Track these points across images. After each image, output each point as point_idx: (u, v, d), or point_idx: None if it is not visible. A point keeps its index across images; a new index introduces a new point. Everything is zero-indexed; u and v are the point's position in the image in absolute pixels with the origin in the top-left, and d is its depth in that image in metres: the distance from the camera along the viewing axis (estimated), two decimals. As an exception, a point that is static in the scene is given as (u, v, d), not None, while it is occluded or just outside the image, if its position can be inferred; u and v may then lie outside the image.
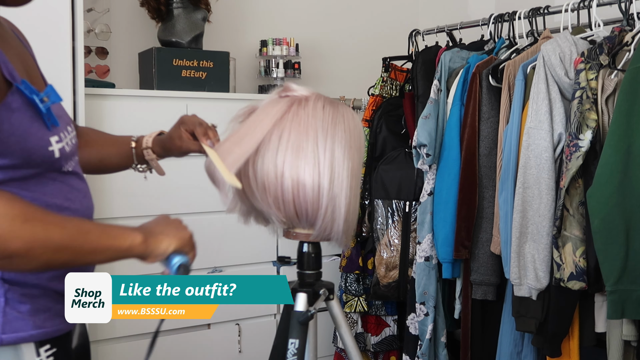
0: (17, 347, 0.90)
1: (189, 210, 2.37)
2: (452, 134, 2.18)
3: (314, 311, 1.29)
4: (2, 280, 0.90)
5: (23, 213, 0.82)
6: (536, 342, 1.92)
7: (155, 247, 0.97)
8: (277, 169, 1.19)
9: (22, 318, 0.91)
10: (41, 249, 0.83)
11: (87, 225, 0.91)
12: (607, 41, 1.79)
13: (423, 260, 2.25)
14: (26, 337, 0.91)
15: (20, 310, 0.91)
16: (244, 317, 2.52)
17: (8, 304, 0.90)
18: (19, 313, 0.91)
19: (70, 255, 0.87)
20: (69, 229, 0.87)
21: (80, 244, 0.88)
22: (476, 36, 2.46)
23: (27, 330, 0.91)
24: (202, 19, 2.60)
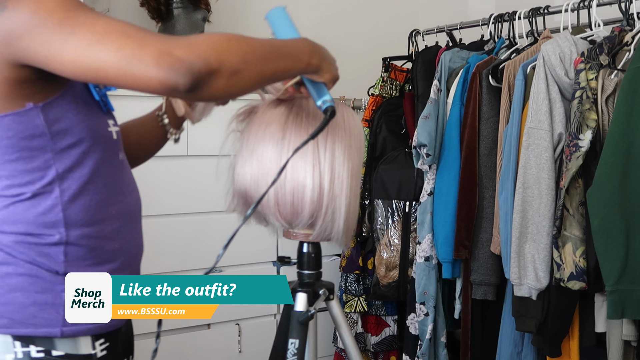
0: (75, 340, 0.94)
1: (189, 210, 2.37)
2: (452, 134, 2.18)
3: (314, 311, 1.28)
4: (64, 276, 0.93)
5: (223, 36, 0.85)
6: (536, 342, 1.92)
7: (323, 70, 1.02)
8: (278, 170, 1.19)
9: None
10: (253, 61, 0.87)
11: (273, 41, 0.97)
12: (607, 41, 1.79)
13: (423, 260, 2.25)
14: (84, 330, 0.95)
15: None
16: (244, 317, 2.52)
17: None
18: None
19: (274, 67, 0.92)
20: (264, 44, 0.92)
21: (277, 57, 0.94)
22: (476, 36, 2.46)
23: (85, 325, 0.94)
24: (202, 19, 2.60)
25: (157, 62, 0.78)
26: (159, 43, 0.80)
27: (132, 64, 0.79)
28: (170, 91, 0.80)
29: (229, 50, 0.84)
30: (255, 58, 0.88)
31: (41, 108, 0.90)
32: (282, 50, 0.95)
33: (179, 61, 0.79)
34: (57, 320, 0.93)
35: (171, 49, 0.79)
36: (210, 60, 0.81)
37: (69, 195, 0.94)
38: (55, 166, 0.92)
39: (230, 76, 0.83)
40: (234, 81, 0.84)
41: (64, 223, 0.93)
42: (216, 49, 0.82)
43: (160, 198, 2.32)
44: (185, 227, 2.37)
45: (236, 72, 0.84)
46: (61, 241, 0.93)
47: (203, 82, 0.80)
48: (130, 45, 0.79)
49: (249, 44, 0.87)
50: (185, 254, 2.36)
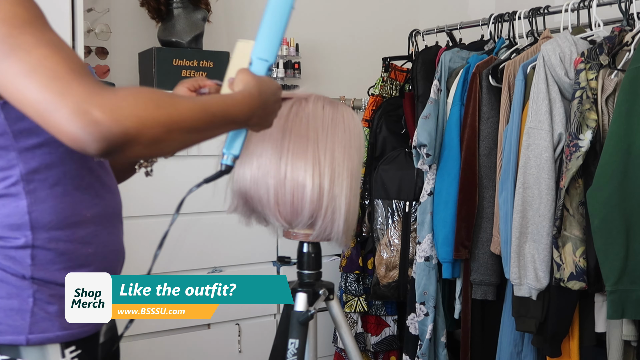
0: (43, 348, 0.91)
1: (189, 210, 2.36)
2: (452, 134, 2.18)
3: (314, 311, 1.29)
4: (32, 281, 0.90)
5: (154, 99, 0.81)
6: (536, 342, 1.92)
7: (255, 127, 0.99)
8: (278, 171, 1.19)
9: (49, 319, 0.91)
10: (178, 131, 0.82)
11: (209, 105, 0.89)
12: (607, 41, 1.79)
13: (423, 260, 2.25)
14: (52, 337, 0.91)
15: (48, 311, 0.91)
16: (244, 317, 2.52)
17: (36, 305, 0.90)
18: (46, 314, 0.91)
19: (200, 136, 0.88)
20: (196, 110, 0.86)
21: (208, 124, 0.88)
22: (476, 36, 2.46)
23: (54, 331, 0.91)
24: (202, 19, 2.60)
25: (71, 118, 0.74)
26: (81, 95, 0.75)
27: (49, 110, 0.75)
28: (80, 150, 0.76)
29: (154, 118, 0.78)
30: (182, 128, 0.83)
31: (1, 106, 0.86)
32: (217, 118, 0.89)
33: (94, 124, 0.74)
34: (23, 327, 0.89)
35: (91, 107, 0.74)
36: (130, 128, 0.76)
37: (36, 197, 0.90)
38: (19, 166, 0.89)
39: (149, 145, 0.79)
40: (152, 149, 0.80)
41: (30, 226, 0.90)
42: (139, 116, 0.77)
43: (160, 198, 2.31)
44: (185, 227, 2.37)
45: (157, 141, 0.79)
46: (27, 244, 0.90)
47: (117, 149, 0.76)
48: (52, 90, 0.75)
49: (180, 113, 0.82)
50: (185, 254, 2.36)
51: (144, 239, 2.29)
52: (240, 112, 0.93)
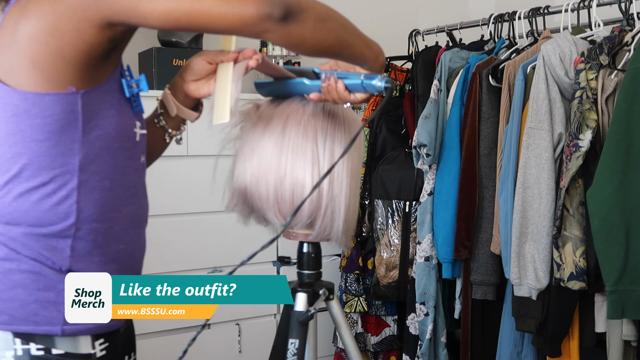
0: (75, 339, 0.94)
1: (189, 210, 2.37)
2: (452, 134, 2.18)
3: (314, 311, 1.28)
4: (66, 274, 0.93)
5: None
6: (536, 342, 1.92)
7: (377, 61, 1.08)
8: (278, 169, 1.19)
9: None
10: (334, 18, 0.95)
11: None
12: (607, 41, 1.79)
13: (423, 260, 2.25)
14: (84, 329, 0.94)
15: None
16: (244, 317, 2.52)
17: None
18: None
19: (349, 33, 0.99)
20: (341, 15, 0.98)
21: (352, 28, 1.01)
22: (476, 36, 2.46)
23: (86, 324, 0.94)
24: (202, 19, 2.60)
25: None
26: None
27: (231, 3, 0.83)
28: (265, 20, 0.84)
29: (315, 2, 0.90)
30: (337, 18, 0.95)
31: (82, 95, 0.90)
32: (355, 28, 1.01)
33: None
34: (59, 318, 0.93)
35: None
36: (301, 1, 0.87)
37: (86, 187, 0.93)
38: (79, 155, 0.92)
39: (317, 21, 0.89)
40: (320, 27, 0.90)
41: (76, 215, 0.93)
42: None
43: (160, 198, 2.31)
44: (185, 227, 2.37)
45: (322, 19, 0.90)
46: (70, 233, 0.93)
47: (294, 15, 0.86)
48: None
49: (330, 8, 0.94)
50: (186, 254, 2.36)
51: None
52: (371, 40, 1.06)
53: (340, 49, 0.99)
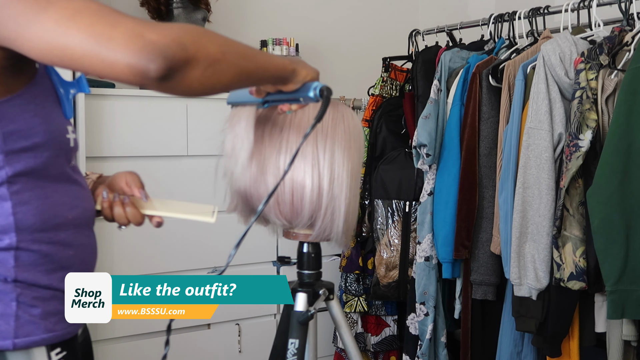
0: (29, 352, 0.90)
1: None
2: (452, 134, 2.18)
3: (314, 311, 1.29)
4: (14, 284, 0.89)
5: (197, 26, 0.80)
6: (536, 342, 1.92)
7: (298, 72, 1.00)
8: (278, 170, 1.19)
9: (33, 322, 0.90)
10: (232, 54, 0.83)
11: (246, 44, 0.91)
12: (607, 41, 1.79)
13: (423, 260, 2.25)
14: (38, 341, 0.90)
15: (32, 314, 0.90)
16: (244, 317, 2.52)
17: (20, 308, 0.90)
18: (30, 317, 0.90)
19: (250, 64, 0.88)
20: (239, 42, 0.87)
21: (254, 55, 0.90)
22: (476, 36, 2.46)
23: (39, 334, 0.90)
24: (202, 19, 2.60)
25: (127, 43, 0.73)
26: (132, 24, 0.74)
27: (100, 44, 0.73)
28: (139, 77, 0.74)
29: (206, 38, 0.79)
30: (234, 52, 0.83)
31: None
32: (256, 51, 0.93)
33: (152, 43, 0.73)
34: (8, 331, 0.88)
35: (144, 30, 0.74)
36: (187, 45, 0.75)
37: (20, 199, 0.89)
38: (5, 169, 0.87)
39: (208, 66, 0.78)
40: (211, 72, 0.79)
41: (14, 227, 0.89)
42: (193, 36, 0.77)
43: (160, 198, 2.31)
44: (185, 227, 2.37)
45: (214, 62, 0.79)
46: (11, 246, 0.89)
47: (177, 69, 0.75)
48: (101, 24, 0.74)
49: (225, 38, 0.83)
50: (186, 254, 2.36)
51: (143, 239, 2.29)
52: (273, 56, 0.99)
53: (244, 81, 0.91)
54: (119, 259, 2.22)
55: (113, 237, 2.22)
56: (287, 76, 0.99)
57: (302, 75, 1.01)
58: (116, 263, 2.20)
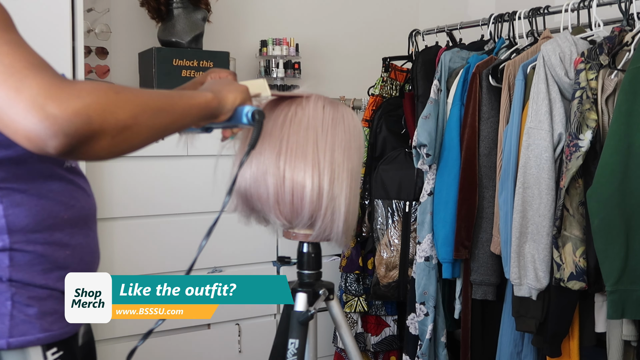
0: (24, 351, 0.90)
1: (189, 210, 2.37)
2: (452, 134, 2.18)
3: (314, 311, 1.29)
4: (9, 283, 0.90)
5: (111, 87, 0.77)
6: (536, 342, 1.92)
7: (224, 101, 0.96)
8: (277, 170, 1.19)
9: (29, 321, 0.90)
10: (144, 113, 0.79)
11: (164, 91, 0.88)
12: (607, 41, 1.79)
13: (423, 260, 2.25)
14: (33, 340, 0.90)
15: (28, 314, 0.90)
16: (244, 317, 2.52)
17: (15, 307, 0.90)
18: (26, 316, 0.90)
19: (168, 118, 0.84)
20: (155, 93, 0.84)
21: (172, 105, 0.86)
22: (476, 36, 2.46)
23: (35, 334, 0.90)
24: (202, 19, 2.60)
25: (26, 114, 0.69)
26: (36, 88, 0.71)
27: (4, 109, 0.70)
28: (38, 150, 0.71)
29: (116, 104, 0.75)
30: (148, 111, 0.80)
31: None
32: (176, 97, 0.88)
33: (52, 118, 0.69)
34: (3, 331, 0.88)
35: (46, 100, 0.70)
36: (93, 117, 0.71)
37: (11, 201, 0.89)
38: None
39: (117, 134, 0.74)
40: (121, 139, 0.75)
41: (6, 229, 0.89)
42: (101, 104, 0.73)
43: (160, 198, 2.32)
44: (185, 227, 2.37)
45: (124, 129, 0.75)
46: (5, 248, 0.89)
47: (81, 144, 0.72)
48: (8, 86, 0.71)
49: (139, 96, 0.79)
50: (186, 254, 2.36)
51: (144, 239, 2.29)
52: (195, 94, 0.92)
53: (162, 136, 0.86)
54: (119, 259, 2.22)
55: (113, 237, 2.22)
56: (214, 112, 0.95)
57: (229, 102, 0.97)
58: (116, 263, 2.21)
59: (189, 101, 0.90)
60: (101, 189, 2.19)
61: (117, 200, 2.24)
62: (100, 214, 2.13)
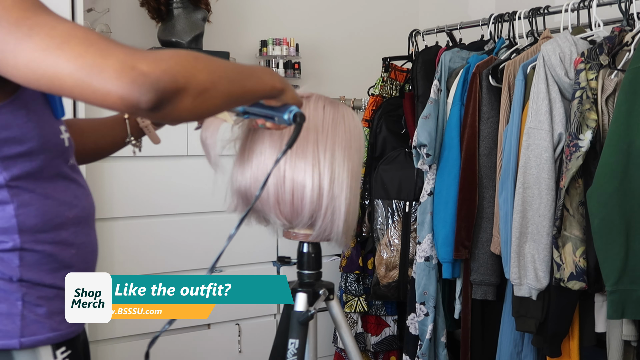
0: (35, 350, 0.90)
1: (189, 210, 2.37)
2: (452, 134, 2.18)
3: (314, 311, 1.29)
4: (20, 283, 0.90)
5: (191, 53, 0.81)
6: (536, 342, 1.92)
7: (286, 93, 1.01)
8: (277, 170, 1.19)
9: (39, 321, 0.91)
10: (222, 79, 0.84)
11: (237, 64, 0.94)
12: (607, 41, 1.78)
13: (423, 260, 2.25)
14: (44, 340, 0.91)
15: (38, 313, 0.91)
16: (244, 317, 2.52)
17: (26, 307, 0.90)
18: (36, 316, 0.91)
19: (239, 89, 0.90)
20: (229, 64, 0.90)
21: (243, 79, 0.91)
22: (476, 36, 2.46)
23: (45, 333, 0.91)
24: (202, 19, 2.60)
25: (119, 75, 0.73)
26: (122, 54, 0.75)
27: (92, 75, 0.73)
28: (130, 108, 0.75)
29: (197, 68, 0.80)
30: (223, 78, 0.85)
31: None
32: (247, 72, 0.94)
33: (143, 76, 0.74)
34: (15, 331, 0.89)
35: (135, 62, 0.74)
36: (178, 77, 0.77)
37: (21, 201, 0.90)
38: (3, 174, 0.88)
39: (198, 95, 0.79)
40: (200, 101, 0.80)
41: (17, 229, 0.89)
42: (184, 66, 0.78)
43: (160, 198, 2.32)
44: (185, 227, 2.37)
45: (204, 91, 0.80)
46: (15, 247, 0.90)
47: (168, 100, 0.76)
48: (91, 54, 0.74)
49: (216, 64, 0.85)
50: (186, 254, 2.36)
51: (144, 239, 2.29)
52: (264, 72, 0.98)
53: (232, 105, 0.93)
54: (119, 259, 2.22)
55: (113, 237, 2.22)
56: (275, 94, 1.00)
57: (287, 97, 1.02)
58: (116, 263, 2.21)
59: (258, 80, 0.95)
60: (101, 189, 2.19)
61: (117, 200, 2.24)
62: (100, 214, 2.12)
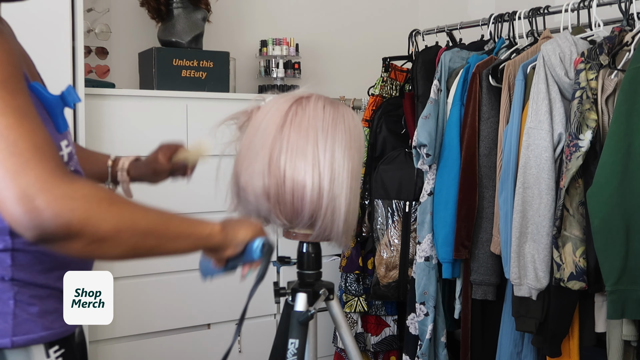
0: (27, 349, 0.91)
1: (189, 210, 2.37)
2: (452, 134, 2.18)
3: (314, 311, 1.29)
4: (12, 282, 0.90)
5: (108, 197, 0.80)
6: (536, 342, 1.92)
7: (233, 236, 1.00)
8: (277, 170, 1.19)
9: (31, 320, 0.91)
10: (128, 232, 0.82)
11: (167, 213, 0.91)
12: (607, 41, 1.79)
13: (423, 260, 2.25)
14: (36, 338, 0.91)
15: (30, 312, 0.91)
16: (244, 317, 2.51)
17: (18, 306, 0.90)
18: (28, 315, 0.91)
19: (155, 241, 0.87)
20: (152, 214, 0.87)
21: (164, 230, 0.88)
22: (476, 36, 2.46)
23: (37, 332, 0.91)
24: (202, 19, 2.60)
25: (17, 201, 0.73)
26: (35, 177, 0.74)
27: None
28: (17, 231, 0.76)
29: (102, 216, 0.78)
30: (134, 231, 0.82)
31: None
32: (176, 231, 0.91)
33: (36, 211, 0.74)
34: (7, 330, 0.89)
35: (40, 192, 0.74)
36: (73, 221, 0.75)
37: None
38: None
39: (92, 242, 0.78)
40: (94, 247, 0.79)
41: (8, 230, 0.89)
42: (87, 211, 0.76)
43: (160, 198, 2.31)
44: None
45: (100, 240, 0.78)
46: (7, 248, 0.90)
47: (54, 241, 0.76)
48: (7, 166, 0.74)
49: (133, 216, 0.83)
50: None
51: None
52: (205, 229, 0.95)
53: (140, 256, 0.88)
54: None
55: (113, 237, 2.21)
56: (216, 245, 0.98)
57: (239, 237, 1.00)
58: (116, 263, 2.20)
59: (188, 228, 0.93)
60: (101, 189, 2.18)
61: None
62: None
